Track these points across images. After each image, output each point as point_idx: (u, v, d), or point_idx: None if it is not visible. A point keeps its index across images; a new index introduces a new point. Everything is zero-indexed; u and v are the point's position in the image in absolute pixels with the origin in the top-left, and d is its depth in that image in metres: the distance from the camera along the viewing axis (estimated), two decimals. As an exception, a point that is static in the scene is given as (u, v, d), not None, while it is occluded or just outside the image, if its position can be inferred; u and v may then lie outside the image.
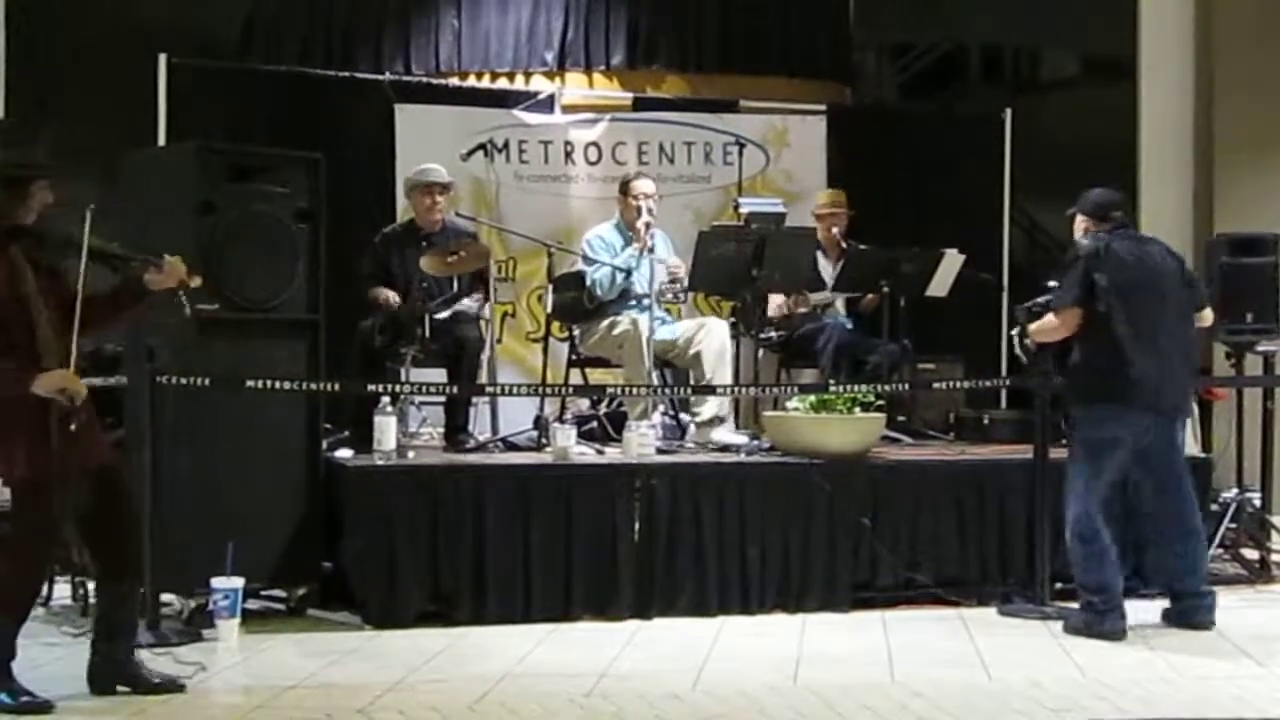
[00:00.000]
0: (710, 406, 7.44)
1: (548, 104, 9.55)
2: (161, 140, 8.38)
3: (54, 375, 4.75)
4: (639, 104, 9.77)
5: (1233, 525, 7.19)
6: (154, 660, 5.30)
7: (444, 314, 7.40)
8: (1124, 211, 6.30)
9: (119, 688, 5.00)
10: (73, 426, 4.77)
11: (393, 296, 7.42)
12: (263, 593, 6.40)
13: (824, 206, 8.56)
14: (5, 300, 4.78)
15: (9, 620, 4.84)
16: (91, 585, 5.45)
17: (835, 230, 8.45)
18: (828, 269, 8.33)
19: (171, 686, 5.06)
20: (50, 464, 4.76)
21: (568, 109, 9.62)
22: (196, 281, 5.18)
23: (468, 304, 7.55)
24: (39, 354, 4.80)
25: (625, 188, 7.86)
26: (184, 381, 5.85)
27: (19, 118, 4.82)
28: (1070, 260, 6.11)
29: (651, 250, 7.47)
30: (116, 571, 5.05)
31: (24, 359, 4.78)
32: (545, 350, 8.10)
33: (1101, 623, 5.98)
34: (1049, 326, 6.17)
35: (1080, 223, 6.27)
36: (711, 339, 7.55)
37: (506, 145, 9.30)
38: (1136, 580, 6.85)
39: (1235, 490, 7.42)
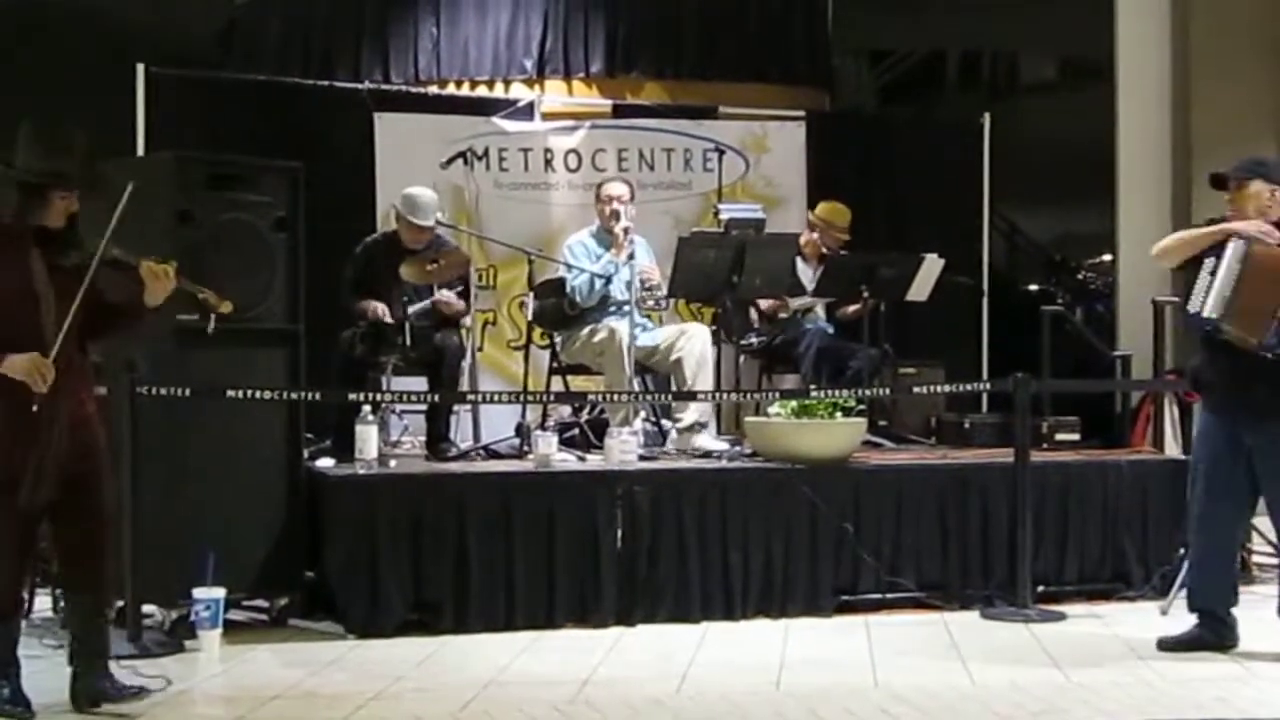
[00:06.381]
0: (691, 412, 7.44)
1: (527, 111, 9.56)
2: (140, 150, 8.37)
3: (21, 358, 4.64)
4: (618, 111, 9.79)
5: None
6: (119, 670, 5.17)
7: (422, 305, 7.35)
8: None
9: (104, 705, 4.92)
10: (35, 408, 4.63)
11: (381, 308, 7.39)
12: (244, 603, 6.38)
13: (823, 221, 8.49)
14: (12, 296, 4.71)
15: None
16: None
17: (825, 248, 8.43)
18: (807, 273, 8.33)
19: (144, 693, 4.97)
20: (25, 460, 4.67)
21: (547, 116, 9.63)
22: (227, 307, 5.15)
23: (447, 295, 7.48)
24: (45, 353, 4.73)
25: (597, 192, 7.87)
26: (164, 392, 5.83)
27: (54, 125, 4.75)
28: None
29: (631, 257, 7.47)
30: (80, 584, 4.92)
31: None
32: (526, 358, 8.10)
33: None
34: None
35: (1265, 188, 5.70)
36: (693, 345, 7.54)
37: (486, 153, 9.30)
38: (1121, 584, 6.89)
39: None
